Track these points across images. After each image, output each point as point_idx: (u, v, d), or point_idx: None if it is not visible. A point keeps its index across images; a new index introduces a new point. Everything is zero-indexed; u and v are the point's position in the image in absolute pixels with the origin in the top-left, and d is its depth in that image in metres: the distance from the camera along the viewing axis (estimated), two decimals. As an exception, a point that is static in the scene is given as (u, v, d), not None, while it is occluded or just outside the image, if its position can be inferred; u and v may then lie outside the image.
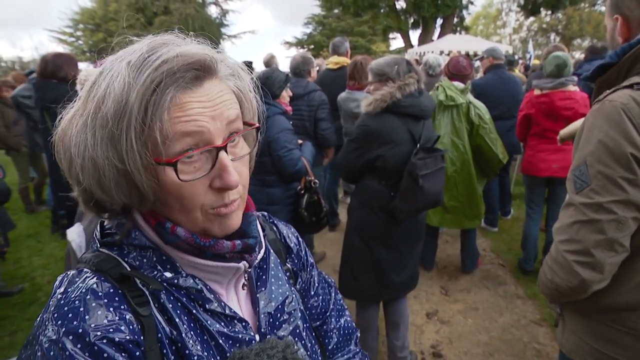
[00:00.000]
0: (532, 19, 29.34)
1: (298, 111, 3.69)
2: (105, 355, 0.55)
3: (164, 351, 0.61)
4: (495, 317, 3.27)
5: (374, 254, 2.40)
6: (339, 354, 0.95)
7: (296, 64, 3.95)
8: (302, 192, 2.88)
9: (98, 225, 0.71)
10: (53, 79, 3.09)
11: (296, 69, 3.92)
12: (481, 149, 3.41)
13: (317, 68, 5.19)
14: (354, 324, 1.00)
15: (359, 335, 1.01)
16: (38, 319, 0.60)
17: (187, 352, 0.62)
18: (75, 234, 1.46)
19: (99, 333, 0.55)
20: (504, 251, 4.38)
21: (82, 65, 3.59)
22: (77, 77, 3.10)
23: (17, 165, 5.67)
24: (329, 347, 0.93)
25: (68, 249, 1.49)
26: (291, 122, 2.94)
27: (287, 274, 0.86)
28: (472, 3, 21.11)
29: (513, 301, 3.48)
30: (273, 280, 0.79)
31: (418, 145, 2.30)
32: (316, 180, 2.92)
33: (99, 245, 0.68)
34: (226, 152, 0.61)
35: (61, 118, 0.64)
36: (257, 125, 0.70)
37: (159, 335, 0.61)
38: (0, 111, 5.25)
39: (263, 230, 0.81)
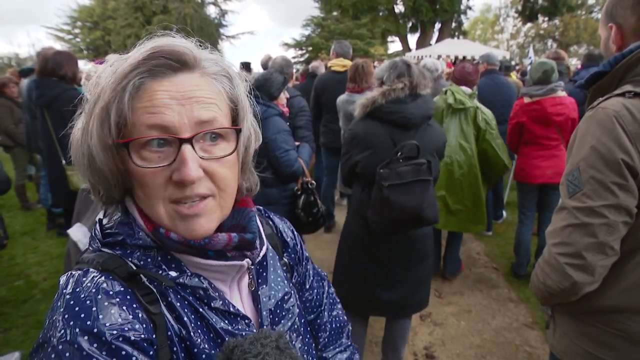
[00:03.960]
0: (529, 25, 29.54)
1: None
2: (124, 353, 0.55)
3: (174, 349, 0.61)
4: (488, 319, 3.30)
5: (357, 264, 2.30)
6: (331, 347, 0.96)
7: (280, 67, 3.88)
8: (299, 192, 2.90)
9: (97, 225, 0.70)
10: (53, 77, 3.08)
11: (281, 72, 3.91)
12: (487, 154, 3.41)
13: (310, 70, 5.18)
14: (345, 318, 1.01)
15: (350, 328, 1.02)
16: (46, 321, 0.59)
17: (195, 350, 0.63)
18: (81, 234, 1.45)
19: (114, 332, 0.55)
20: (497, 255, 4.42)
21: (79, 63, 3.58)
22: (76, 75, 3.14)
23: (16, 163, 5.66)
24: (322, 340, 0.94)
25: (68, 249, 1.48)
26: (288, 124, 2.96)
27: (284, 268, 0.86)
28: (470, 8, 21.30)
29: (506, 304, 3.51)
30: (272, 276, 0.79)
31: (396, 154, 2.16)
32: (313, 182, 2.95)
33: (100, 245, 0.67)
34: (192, 146, 0.61)
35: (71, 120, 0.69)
36: (239, 127, 0.68)
37: (169, 333, 0.62)
38: (9, 108, 5.27)
39: (261, 226, 0.81)
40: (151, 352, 0.58)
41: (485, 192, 3.60)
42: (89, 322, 0.55)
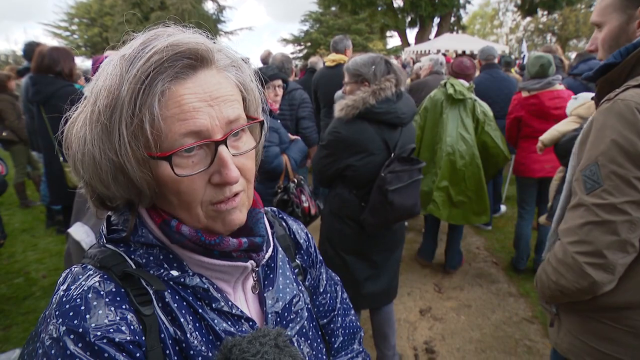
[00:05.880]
0: (528, 19, 29.42)
1: (280, 110, 3.68)
2: (106, 355, 0.54)
3: (167, 351, 0.60)
4: (488, 314, 3.31)
5: (347, 263, 2.30)
6: (343, 353, 0.94)
7: (280, 64, 3.93)
8: (279, 190, 2.82)
9: (104, 221, 0.70)
10: (49, 73, 3.06)
11: (281, 69, 3.91)
12: (487, 146, 3.44)
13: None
14: (358, 324, 0.99)
15: (362, 334, 1.00)
16: (42, 315, 0.60)
17: (191, 352, 0.61)
18: (83, 234, 1.44)
19: (99, 333, 0.55)
20: (497, 249, 4.42)
21: (77, 60, 3.56)
22: (73, 71, 3.11)
23: (15, 160, 5.64)
24: (335, 346, 0.93)
25: (68, 247, 1.47)
26: (279, 121, 2.92)
27: (296, 270, 0.84)
28: (469, 2, 21.20)
29: (505, 299, 3.51)
30: (281, 279, 0.77)
31: (392, 156, 2.14)
32: (294, 179, 2.84)
33: (105, 240, 0.67)
34: (226, 146, 0.60)
35: (68, 117, 0.64)
36: (261, 119, 0.67)
37: (162, 335, 0.60)
38: (12, 104, 5.25)
39: (272, 227, 0.79)
40: (138, 354, 0.57)
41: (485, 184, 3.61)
42: (76, 321, 0.55)
